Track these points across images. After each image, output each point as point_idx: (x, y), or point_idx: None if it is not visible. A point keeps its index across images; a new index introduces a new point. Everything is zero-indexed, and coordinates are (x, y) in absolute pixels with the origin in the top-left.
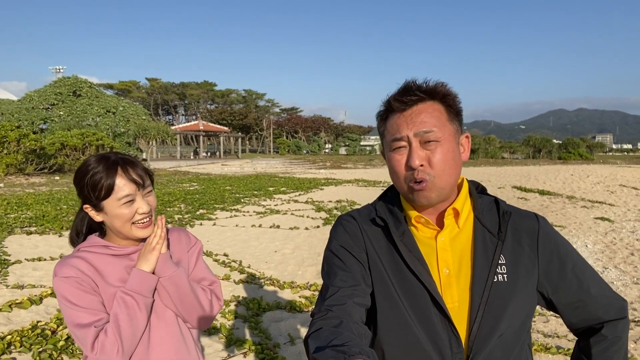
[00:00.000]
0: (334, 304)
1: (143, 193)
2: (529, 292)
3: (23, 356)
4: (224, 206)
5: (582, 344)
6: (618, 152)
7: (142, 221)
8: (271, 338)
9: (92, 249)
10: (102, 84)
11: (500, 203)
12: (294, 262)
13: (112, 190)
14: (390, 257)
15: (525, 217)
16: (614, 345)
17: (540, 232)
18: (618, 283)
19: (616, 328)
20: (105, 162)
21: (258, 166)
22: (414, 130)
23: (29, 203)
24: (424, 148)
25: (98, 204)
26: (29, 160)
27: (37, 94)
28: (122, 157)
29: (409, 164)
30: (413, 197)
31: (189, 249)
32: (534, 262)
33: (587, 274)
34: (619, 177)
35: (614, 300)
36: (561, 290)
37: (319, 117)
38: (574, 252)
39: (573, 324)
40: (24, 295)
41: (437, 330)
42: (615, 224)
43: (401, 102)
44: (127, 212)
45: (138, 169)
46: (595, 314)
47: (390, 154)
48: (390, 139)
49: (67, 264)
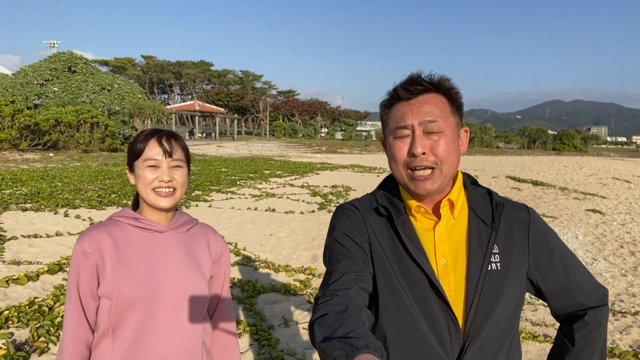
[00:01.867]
0: (339, 288)
1: (170, 163)
2: (520, 280)
3: (20, 331)
4: (219, 188)
5: (565, 330)
6: (612, 145)
7: (162, 190)
8: (265, 320)
9: (122, 219)
10: (97, 60)
11: (493, 195)
12: (289, 245)
13: (142, 152)
14: (392, 246)
15: (517, 208)
16: (595, 330)
17: (531, 223)
18: (607, 274)
19: (598, 314)
20: (152, 131)
21: (254, 149)
22: (418, 119)
23: (23, 179)
24: (426, 137)
25: (132, 164)
26: (23, 136)
27: (32, 69)
28: (168, 131)
29: (411, 151)
30: (412, 186)
31: (217, 255)
32: (525, 251)
33: (572, 263)
34: (612, 169)
35: (596, 288)
36: (549, 278)
37: (316, 101)
38: (560, 242)
39: (558, 310)
40: (21, 272)
41: (436, 317)
42: (606, 216)
43: (408, 90)
44: (149, 176)
45: (174, 141)
46: (580, 301)
47: (393, 141)
48: (394, 126)
49: (91, 236)
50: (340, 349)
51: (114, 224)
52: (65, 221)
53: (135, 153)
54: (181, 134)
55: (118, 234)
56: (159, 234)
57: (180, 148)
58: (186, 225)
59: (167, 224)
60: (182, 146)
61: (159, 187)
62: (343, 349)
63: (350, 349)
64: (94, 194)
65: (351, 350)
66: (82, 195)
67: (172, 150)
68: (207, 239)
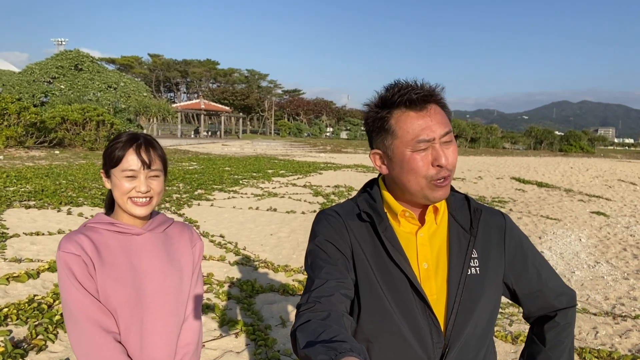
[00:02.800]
0: (322, 295)
1: (148, 174)
2: (497, 284)
3: (19, 329)
4: (222, 187)
5: (536, 330)
6: (619, 147)
7: (138, 199)
8: (263, 320)
9: (98, 225)
10: (104, 58)
11: (471, 200)
12: (289, 245)
13: (120, 161)
14: (374, 251)
15: (493, 214)
16: (565, 330)
17: (507, 229)
18: (608, 278)
19: (567, 315)
20: (129, 138)
21: (258, 147)
22: (439, 131)
23: (28, 177)
24: (445, 148)
25: (108, 170)
26: (29, 133)
27: (39, 66)
28: (145, 138)
29: (437, 163)
30: (432, 194)
31: (198, 251)
32: (502, 256)
33: (544, 267)
34: (618, 171)
35: (566, 290)
36: (523, 281)
37: (321, 100)
38: (533, 247)
39: (531, 312)
40: (22, 269)
41: (418, 321)
42: (611, 218)
43: (417, 100)
44: (126, 185)
45: (153, 151)
46: (551, 303)
47: (411, 154)
48: (415, 139)
49: (72, 240)
50: (323, 353)
51: (90, 229)
52: (68, 219)
53: (112, 161)
54: (186, 133)
55: (97, 239)
56: (137, 237)
57: (158, 157)
58: (162, 226)
59: (143, 226)
60: (159, 155)
61: (136, 197)
62: (327, 353)
63: (334, 353)
64: (98, 192)
65: (335, 354)
66: (86, 193)
67: (151, 161)
68: (188, 236)
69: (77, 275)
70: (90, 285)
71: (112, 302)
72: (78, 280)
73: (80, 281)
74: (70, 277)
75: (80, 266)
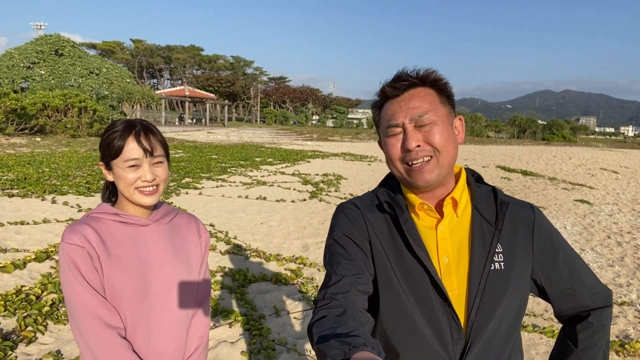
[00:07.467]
0: (338, 291)
1: (151, 161)
2: (524, 280)
3: (7, 320)
4: (210, 175)
5: (568, 330)
6: (600, 136)
7: (145, 188)
8: (257, 309)
9: (102, 215)
10: (85, 43)
11: (498, 193)
12: (280, 234)
13: (120, 151)
14: (393, 245)
15: (521, 207)
16: (599, 332)
17: (536, 222)
18: (594, 265)
19: (602, 316)
20: (125, 125)
21: (244, 135)
22: (408, 116)
23: (10, 164)
24: (418, 131)
25: (109, 162)
26: (9, 120)
27: (18, 51)
28: (143, 124)
29: (404, 147)
30: (411, 178)
31: (205, 241)
32: (529, 251)
33: (577, 264)
34: (600, 160)
35: (601, 289)
36: (553, 279)
37: (307, 88)
38: (565, 242)
39: (562, 312)
40: (7, 259)
41: (438, 317)
42: (594, 206)
43: (394, 87)
44: (131, 176)
45: (152, 136)
46: (584, 302)
47: (386, 139)
48: (386, 125)
49: (75, 231)
50: (337, 348)
51: (95, 220)
52: (53, 208)
53: (112, 152)
54: (171, 120)
55: (102, 229)
56: (143, 228)
57: (159, 143)
58: (168, 216)
59: (149, 217)
60: (160, 140)
61: (143, 187)
62: (341, 347)
63: (348, 348)
64: (82, 180)
65: (349, 348)
66: (70, 181)
67: (153, 147)
68: (194, 227)
69: (81, 268)
70: (94, 279)
71: (119, 294)
72: (82, 274)
73: (84, 275)
74: (74, 271)
75: (85, 259)
